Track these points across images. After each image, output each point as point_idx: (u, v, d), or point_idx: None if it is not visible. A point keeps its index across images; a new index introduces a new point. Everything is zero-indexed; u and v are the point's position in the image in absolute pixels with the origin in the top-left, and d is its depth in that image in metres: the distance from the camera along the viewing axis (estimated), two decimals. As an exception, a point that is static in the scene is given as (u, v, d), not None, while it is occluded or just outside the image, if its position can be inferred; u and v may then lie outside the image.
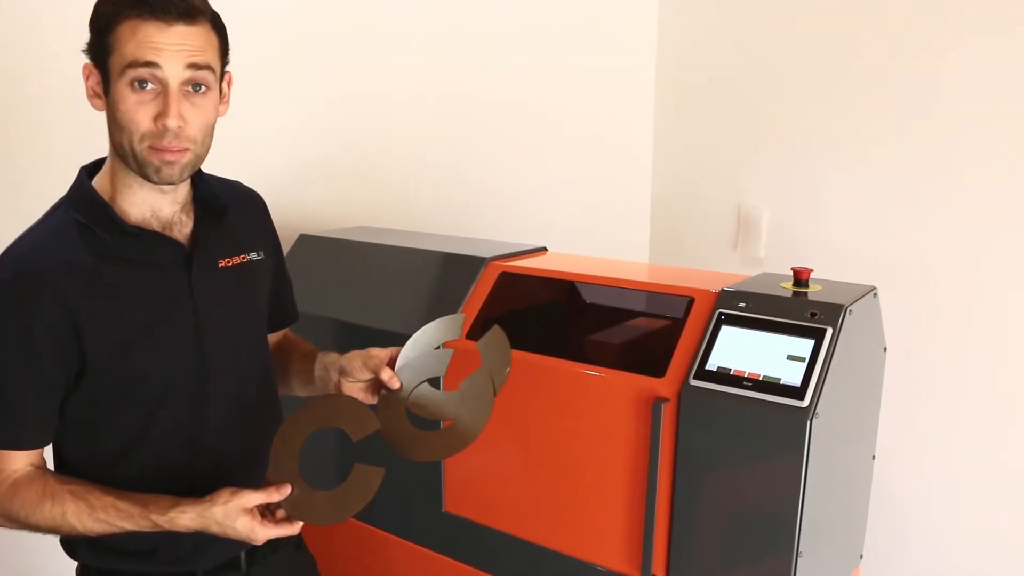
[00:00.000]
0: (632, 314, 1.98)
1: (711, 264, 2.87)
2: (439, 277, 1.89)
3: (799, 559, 1.41)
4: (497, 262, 1.85)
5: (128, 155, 1.17)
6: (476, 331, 1.76)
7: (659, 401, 1.49)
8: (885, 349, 1.75)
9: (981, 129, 2.34)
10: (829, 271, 1.73)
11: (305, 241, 2.06)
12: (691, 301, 1.60)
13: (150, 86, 1.13)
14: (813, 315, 1.46)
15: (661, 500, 1.52)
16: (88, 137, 1.39)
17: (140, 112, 1.13)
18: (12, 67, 1.75)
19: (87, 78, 1.18)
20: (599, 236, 3.01)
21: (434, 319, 1.35)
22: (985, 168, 2.35)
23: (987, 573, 2.48)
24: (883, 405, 1.82)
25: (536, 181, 2.84)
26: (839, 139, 2.63)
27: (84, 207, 1.20)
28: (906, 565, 2.60)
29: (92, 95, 1.18)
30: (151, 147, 1.15)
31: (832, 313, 1.44)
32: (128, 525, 1.17)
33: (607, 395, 1.57)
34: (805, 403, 1.37)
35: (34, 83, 1.78)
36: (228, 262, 1.32)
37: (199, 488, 1.20)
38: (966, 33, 2.33)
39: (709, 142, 2.98)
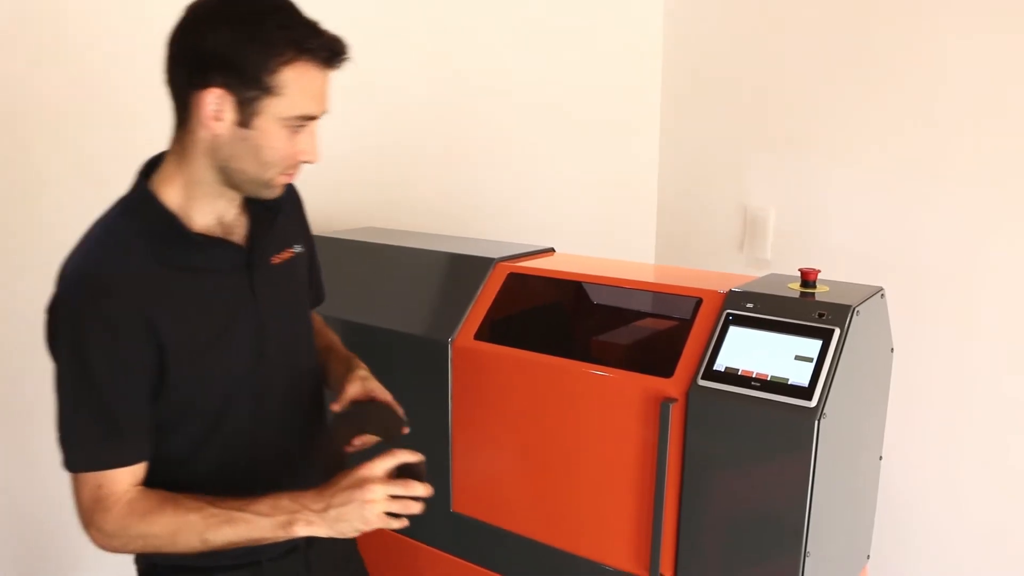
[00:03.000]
0: (639, 315, 1.98)
1: (717, 265, 2.87)
2: (447, 278, 1.90)
3: (806, 559, 1.41)
4: (505, 263, 1.85)
5: (246, 181, 1.18)
6: (485, 332, 1.77)
7: (667, 401, 1.49)
8: (892, 350, 1.75)
9: (988, 130, 2.34)
10: (835, 272, 1.74)
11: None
12: (699, 302, 1.60)
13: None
14: (821, 316, 1.46)
15: (669, 500, 1.53)
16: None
17: (290, 149, 1.17)
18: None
19: (209, 104, 1.11)
20: (606, 237, 3.02)
21: (441, 320, 1.37)
22: (992, 169, 2.35)
23: (992, 572, 2.48)
24: (890, 406, 1.82)
25: (544, 183, 2.85)
26: (845, 140, 2.63)
27: (150, 216, 1.18)
28: (913, 566, 2.60)
29: (213, 119, 1.12)
30: (282, 175, 1.19)
31: (840, 314, 1.45)
32: (255, 534, 1.15)
33: (615, 395, 1.58)
34: (813, 403, 1.37)
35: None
36: (278, 258, 1.33)
37: (259, 489, 1.20)
38: (972, 34, 2.33)
39: (715, 143, 2.98)
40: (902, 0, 2.45)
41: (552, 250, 2.02)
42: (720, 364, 1.48)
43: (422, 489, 1.19)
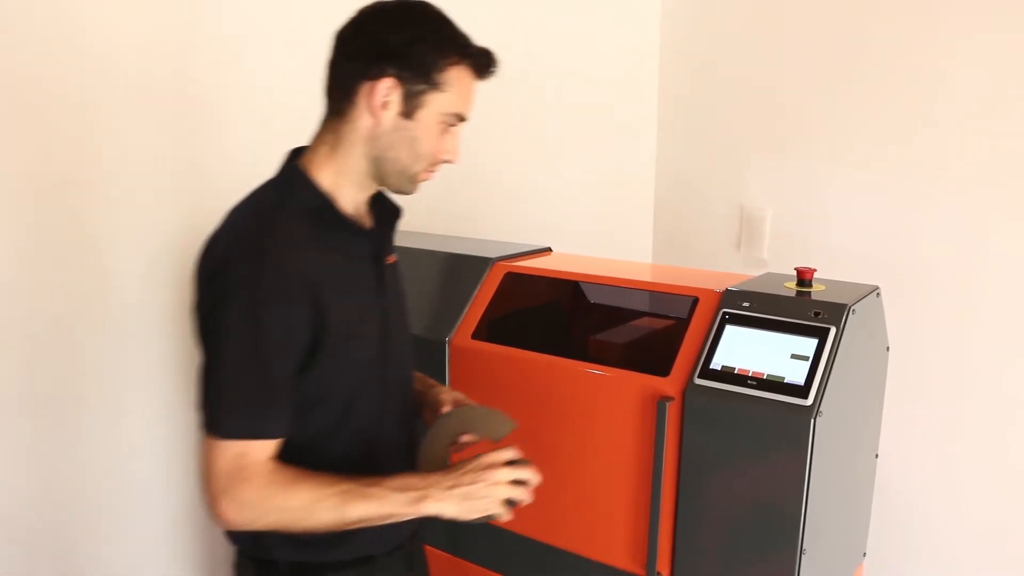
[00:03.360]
0: (636, 314, 1.99)
1: (714, 265, 2.87)
2: (445, 277, 1.91)
3: (803, 556, 1.42)
4: (503, 262, 1.86)
5: (395, 172, 1.25)
6: (483, 331, 1.78)
7: (664, 400, 1.50)
8: (888, 348, 1.76)
9: (985, 129, 2.35)
10: (832, 271, 1.75)
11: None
12: (695, 301, 1.61)
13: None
14: (817, 314, 1.47)
15: (666, 498, 1.54)
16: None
17: (439, 147, 1.26)
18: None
19: (381, 92, 1.20)
20: (604, 237, 3.03)
21: (439, 319, 1.39)
22: (988, 168, 2.35)
23: (990, 570, 2.49)
24: (888, 405, 1.83)
25: (541, 182, 2.85)
26: (842, 140, 2.64)
27: (307, 198, 1.23)
28: (909, 563, 2.61)
29: (382, 107, 1.21)
30: (425, 171, 1.27)
31: (835, 312, 1.46)
32: (387, 509, 1.18)
33: (612, 394, 1.59)
34: (809, 401, 1.38)
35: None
36: (390, 259, 1.38)
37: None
38: (969, 34, 2.34)
39: (712, 143, 2.99)
40: (900, 1, 2.46)
41: (549, 249, 2.03)
42: (716, 363, 1.48)
43: (537, 477, 1.26)
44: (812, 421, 1.37)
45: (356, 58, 1.22)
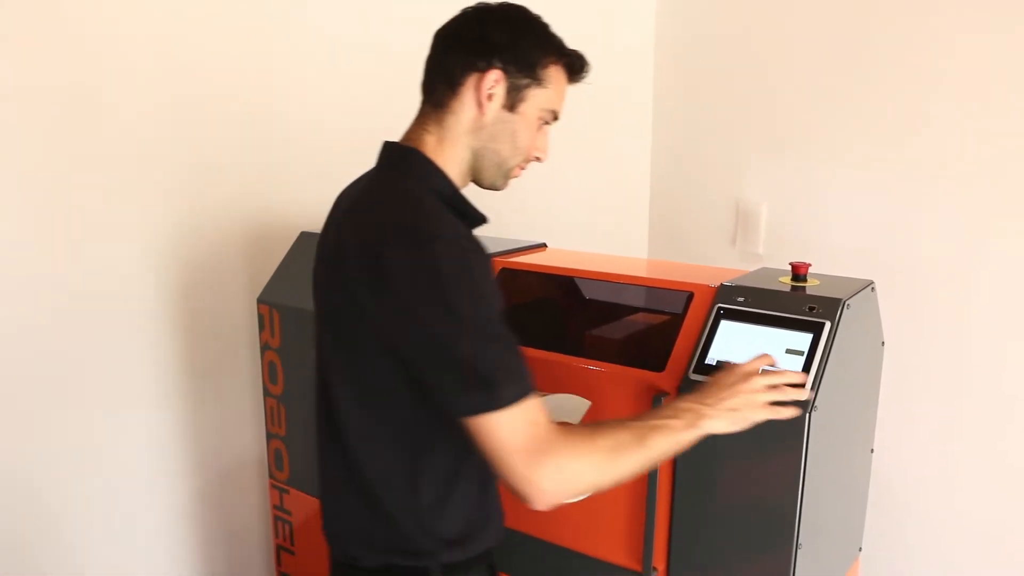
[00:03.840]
0: (632, 309, 1.99)
1: (710, 260, 2.87)
2: (440, 274, 1.90)
3: (799, 551, 1.42)
4: (498, 258, 1.86)
5: (493, 165, 1.30)
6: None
7: (659, 395, 1.50)
8: (883, 343, 1.76)
9: (979, 125, 2.35)
10: (827, 266, 1.75)
11: (306, 239, 2.07)
12: (690, 296, 1.61)
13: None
14: (811, 309, 1.47)
15: (661, 493, 1.54)
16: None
17: (533, 143, 1.32)
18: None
19: (488, 83, 1.24)
20: (598, 232, 3.02)
21: None
22: (982, 163, 2.36)
23: (984, 565, 2.50)
24: (884, 400, 1.83)
25: (536, 178, 2.83)
26: (837, 135, 2.64)
27: (447, 188, 1.26)
28: (904, 558, 2.61)
29: (487, 99, 1.25)
30: (519, 166, 1.33)
31: (830, 307, 1.45)
32: (674, 436, 1.20)
33: (608, 389, 1.58)
34: (804, 396, 1.38)
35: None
36: None
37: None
38: (966, 32, 2.34)
39: (708, 138, 2.98)
40: (893, -5, 2.46)
41: (544, 245, 2.02)
42: (712, 358, 1.48)
43: (797, 376, 1.32)
44: (807, 416, 1.37)
45: (462, 52, 1.26)
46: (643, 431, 1.17)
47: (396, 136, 1.33)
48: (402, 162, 1.28)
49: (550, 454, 1.09)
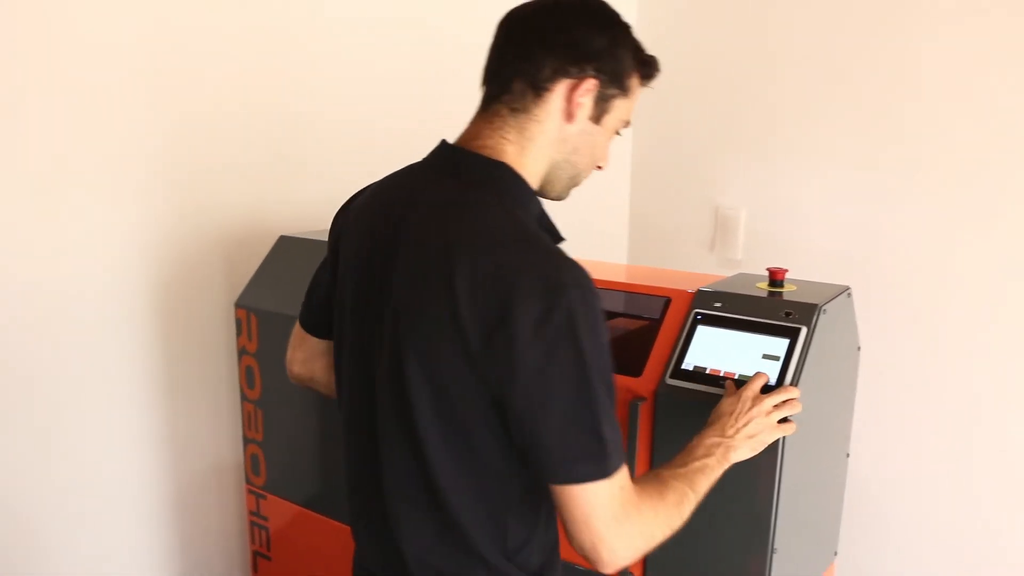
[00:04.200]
0: (610, 315, 1.99)
1: (689, 265, 2.89)
2: (419, 278, 1.89)
3: (774, 555, 1.43)
4: (476, 263, 1.85)
5: (568, 177, 1.20)
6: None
7: (636, 400, 1.50)
8: (859, 348, 1.77)
9: (956, 130, 2.37)
10: (806, 272, 1.76)
11: (285, 243, 2.06)
12: (668, 301, 1.61)
13: None
14: (788, 315, 1.48)
15: (639, 498, 1.54)
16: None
17: (605, 154, 1.23)
18: None
19: (581, 92, 1.13)
20: (577, 237, 3.01)
21: None
22: (960, 169, 2.38)
23: (959, 568, 2.52)
24: (860, 404, 1.84)
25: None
26: (816, 141, 2.66)
27: (539, 215, 1.16)
28: (879, 562, 2.63)
29: (576, 106, 1.13)
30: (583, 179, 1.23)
31: (806, 313, 1.46)
32: (714, 475, 1.21)
33: (585, 394, 1.58)
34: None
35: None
36: None
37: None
38: (940, 33, 2.37)
39: (687, 144, 3.00)
40: (872, 2, 2.48)
41: (523, 250, 2.02)
42: (688, 363, 1.49)
43: (795, 391, 1.35)
44: (784, 420, 1.37)
45: (553, 53, 1.12)
46: (692, 477, 1.18)
47: (384, 142, 1.29)
48: (493, 181, 1.12)
49: (634, 520, 1.05)
